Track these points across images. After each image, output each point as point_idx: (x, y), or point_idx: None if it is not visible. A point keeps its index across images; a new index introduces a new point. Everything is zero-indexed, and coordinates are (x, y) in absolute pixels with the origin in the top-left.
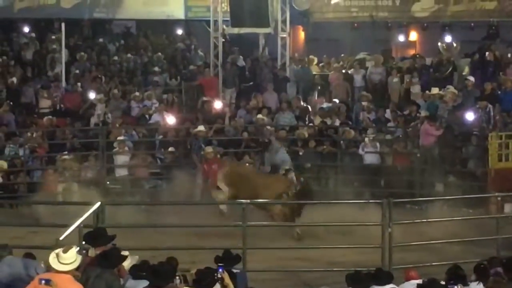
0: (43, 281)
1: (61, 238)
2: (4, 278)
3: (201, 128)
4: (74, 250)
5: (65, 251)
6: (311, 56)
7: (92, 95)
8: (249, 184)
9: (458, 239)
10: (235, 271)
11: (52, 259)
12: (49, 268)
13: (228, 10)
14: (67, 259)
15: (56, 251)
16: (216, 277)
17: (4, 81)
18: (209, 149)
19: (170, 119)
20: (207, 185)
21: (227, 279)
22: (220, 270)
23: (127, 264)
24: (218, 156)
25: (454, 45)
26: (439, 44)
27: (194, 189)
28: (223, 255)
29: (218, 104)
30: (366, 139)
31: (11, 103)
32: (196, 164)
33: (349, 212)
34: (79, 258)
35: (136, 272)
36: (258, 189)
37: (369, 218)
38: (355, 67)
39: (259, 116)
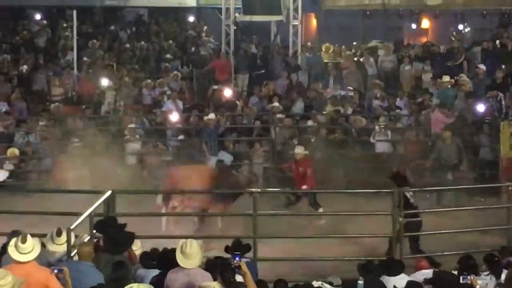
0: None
1: (72, 227)
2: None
3: (211, 116)
4: (31, 238)
5: (23, 241)
6: (327, 44)
7: (104, 83)
8: None
9: (469, 229)
10: (244, 260)
11: (11, 251)
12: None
13: None
14: (26, 249)
15: (13, 241)
16: (233, 265)
17: (16, 68)
18: (298, 149)
19: (174, 116)
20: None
21: (244, 267)
22: (237, 258)
23: (137, 252)
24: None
25: (466, 31)
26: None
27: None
28: (233, 244)
29: (228, 92)
30: (377, 127)
31: (23, 90)
32: (206, 153)
33: (360, 201)
34: (38, 246)
35: (146, 260)
36: None
37: (380, 207)
38: (366, 55)
39: (276, 104)
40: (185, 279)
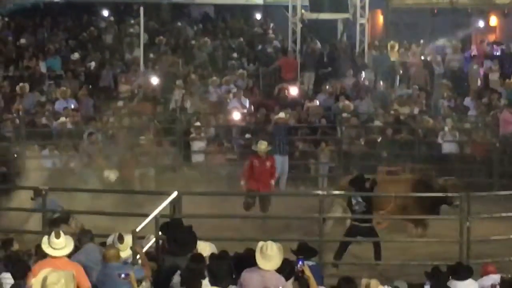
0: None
1: (137, 229)
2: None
3: (281, 115)
4: (64, 235)
5: (57, 237)
6: (392, 42)
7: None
8: None
9: None
10: (310, 263)
11: (45, 247)
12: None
13: None
14: (59, 244)
15: (46, 237)
16: (296, 270)
17: (83, 65)
18: (263, 145)
19: (236, 115)
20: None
21: (308, 272)
22: (300, 262)
23: (204, 254)
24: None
25: None
26: None
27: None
28: (298, 248)
29: (294, 91)
30: (446, 127)
31: (90, 87)
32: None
33: None
34: (71, 243)
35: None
36: None
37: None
38: (433, 54)
39: (347, 102)
40: (260, 279)
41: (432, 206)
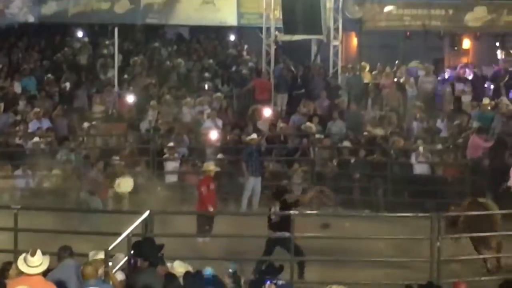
0: None
1: (109, 248)
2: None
3: (253, 136)
4: (40, 253)
5: (32, 254)
6: (363, 63)
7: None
8: None
9: (508, 254)
10: (280, 282)
11: (21, 264)
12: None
13: (281, 17)
14: (34, 262)
15: (23, 254)
16: None
17: (57, 85)
18: (211, 166)
19: (213, 135)
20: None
21: None
22: (268, 282)
23: (179, 271)
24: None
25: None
26: (498, 53)
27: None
28: (266, 267)
29: (267, 112)
30: (421, 148)
31: (64, 107)
32: (244, 173)
33: (398, 224)
34: (46, 262)
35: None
36: None
37: (417, 230)
38: (406, 76)
39: (308, 124)
40: None
41: None
